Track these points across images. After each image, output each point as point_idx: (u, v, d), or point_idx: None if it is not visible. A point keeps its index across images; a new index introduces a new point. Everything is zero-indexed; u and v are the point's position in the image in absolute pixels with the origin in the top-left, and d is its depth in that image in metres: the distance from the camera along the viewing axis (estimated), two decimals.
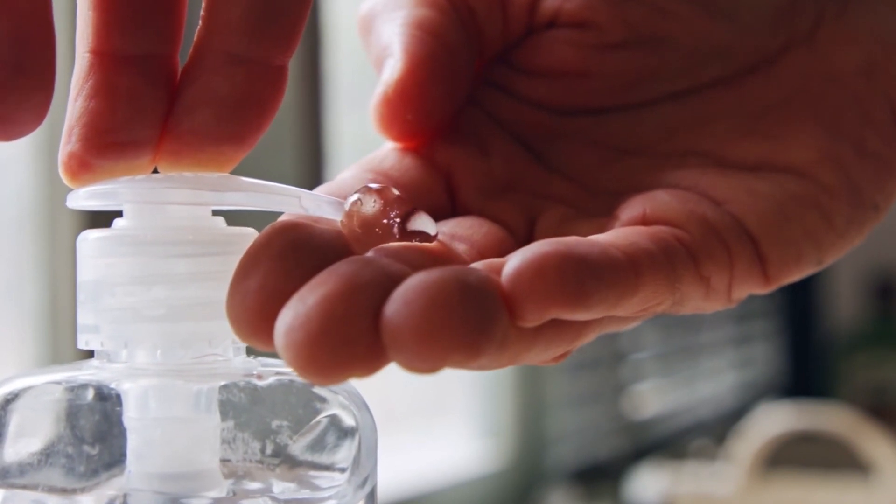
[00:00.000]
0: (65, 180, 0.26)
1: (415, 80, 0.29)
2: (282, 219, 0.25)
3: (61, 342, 0.72)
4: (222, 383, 0.27)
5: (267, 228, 0.24)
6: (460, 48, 0.29)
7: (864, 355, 1.94)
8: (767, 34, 0.30)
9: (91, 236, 0.26)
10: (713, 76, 0.30)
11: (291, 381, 0.27)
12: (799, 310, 1.98)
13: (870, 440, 1.15)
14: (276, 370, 0.27)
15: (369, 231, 0.25)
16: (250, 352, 0.27)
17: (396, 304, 0.21)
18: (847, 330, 2.01)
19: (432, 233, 0.25)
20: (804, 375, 1.98)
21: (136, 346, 0.26)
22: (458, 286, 0.21)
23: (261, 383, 0.27)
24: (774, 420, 1.18)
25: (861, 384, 1.92)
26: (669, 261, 0.26)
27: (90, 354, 0.27)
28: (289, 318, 0.21)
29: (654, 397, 1.55)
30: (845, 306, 2.04)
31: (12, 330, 0.74)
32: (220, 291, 0.25)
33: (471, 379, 1.23)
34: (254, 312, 0.22)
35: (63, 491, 0.26)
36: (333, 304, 0.21)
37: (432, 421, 1.21)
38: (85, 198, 0.26)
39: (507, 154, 0.30)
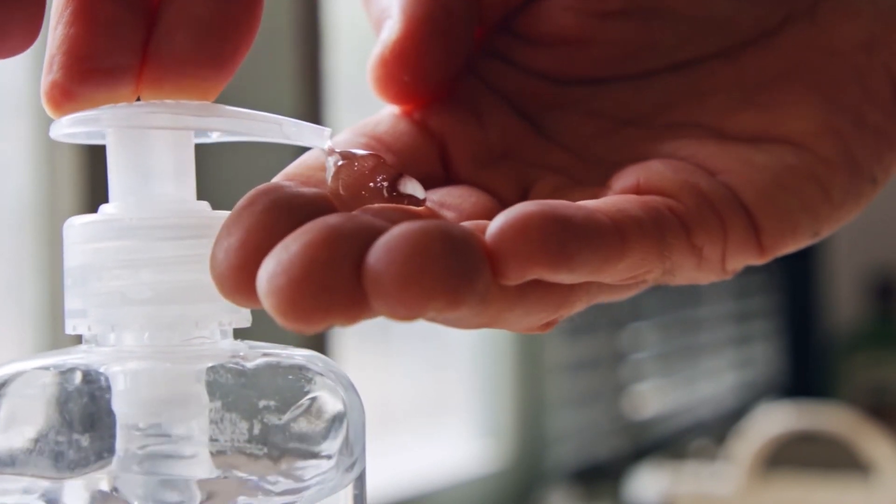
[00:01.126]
0: (48, 111, 0.25)
1: (412, 42, 0.29)
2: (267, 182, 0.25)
3: (61, 341, 0.72)
4: (210, 365, 0.27)
5: (251, 191, 0.24)
6: (459, 12, 0.29)
7: (864, 355, 1.94)
8: (768, 6, 0.30)
9: (77, 222, 0.26)
10: (713, 48, 0.30)
11: (279, 363, 0.27)
12: (799, 310, 1.98)
13: (870, 440, 1.15)
14: (264, 351, 0.27)
15: (356, 194, 0.25)
16: (238, 334, 0.27)
17: (379, 251, 0.21)
18: (847, 330, 2.01)
19: (421, 196, 0.25)
20: (804, 375, 1.98)
21: (123, 330, 0.26)
22: (441, 235, 0.21)
23: (248, 364, 0.27)
24: (774, 420, 1.18)
25: (861, 384, 1.91)
26: (658, 229, 0.26)
27: (81, 342, 0.27)
28: (271, 264, 0.21)
29: (654, 397, 1.55)
30: (845, 306, 2.04)
31: (12, 329, 0.75)
32: (206, 274, 0.25)
33: (471, 379, 1.23)
34: (236, 268, 0.22)
35: (53, 477, 0.26)
36: (316, 251, 0.21)
37: (432, 421, 1.21)
38: (68, 125, 0.26)
39: (503, 123, 0.30)
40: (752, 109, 0.30)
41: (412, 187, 0.25)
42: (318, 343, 0.83)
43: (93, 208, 0.27)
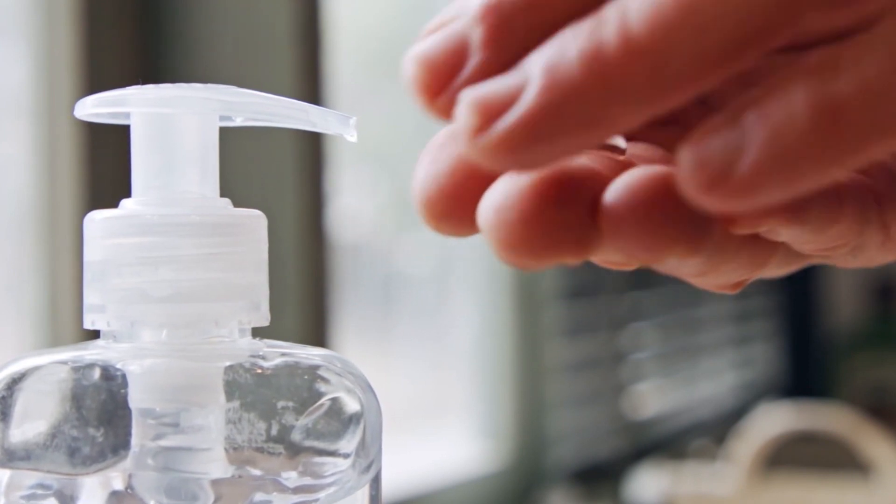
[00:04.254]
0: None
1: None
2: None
3: (61, 341, 0.72)
4: (228, 364, 0.27)
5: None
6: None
7: (864, 355, 1.94)
8: None
9: (98, 217, 0.26)
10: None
11: (297, 363, 0.27)
12: (799, 310, 1.98)
13: (870, 440, 1.15)
14: (282, 351, 0.27)
15: None
16: (256, 333, 0.27)
17: (619, 191, 0.20)
18: (847, 330, 2.01)
19: (622, 146, 0.25)
20: (804, 375, 1.98)
21: (142, 326, 0.26)
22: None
23: (267, 364, 0.27)
24: (774, 420, 1.18)
25: (861, 384, 1.92)
26: (861, 201, 0.26)
27: (95, 337, 0.27)
28: (498, 197, 0.20)
29: (654, 397, 1.55)
30: (845, 306, 2.04)
31: (11, 329, 0.74)
32: (226, 272, 0.25)
33: (471, 379, 1.23)
34: (446, 195, 0.21)
35: (68, 473, 0.26)
36: (547, 187, 0.20)
37: (432, 421, 1.21)
38: (93, 105, 0.26)
39: None
40: None
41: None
42: (318, 342, 0.83)
43: (93, 208, 0.27)
